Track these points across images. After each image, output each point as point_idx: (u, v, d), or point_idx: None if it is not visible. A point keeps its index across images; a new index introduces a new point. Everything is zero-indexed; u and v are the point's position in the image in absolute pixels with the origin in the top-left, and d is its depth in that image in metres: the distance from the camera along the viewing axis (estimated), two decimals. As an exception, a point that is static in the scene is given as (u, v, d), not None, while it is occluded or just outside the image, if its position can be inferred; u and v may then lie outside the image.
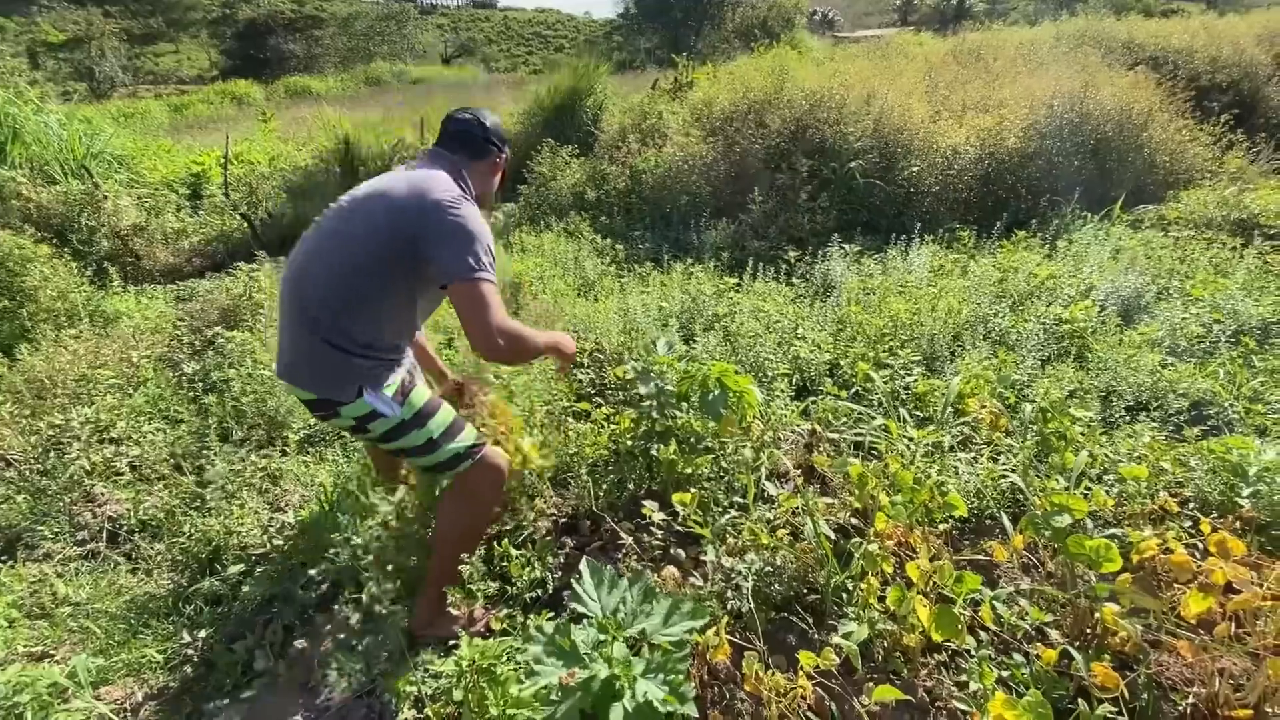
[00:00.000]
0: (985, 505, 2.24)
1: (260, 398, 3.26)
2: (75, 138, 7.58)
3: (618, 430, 2.52)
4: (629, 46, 32.35)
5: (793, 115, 6.33)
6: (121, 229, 6.44)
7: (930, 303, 3.66)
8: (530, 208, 7.39)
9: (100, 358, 3.79)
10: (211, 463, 2.75)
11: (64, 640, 2.07)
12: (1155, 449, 2.26)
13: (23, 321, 4.51)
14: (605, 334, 3.82)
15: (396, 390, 1.72)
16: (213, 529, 2.36)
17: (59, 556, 2.45)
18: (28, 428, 3.03)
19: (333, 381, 1.66)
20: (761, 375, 3.08)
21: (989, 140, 6.06)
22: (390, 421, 1.70)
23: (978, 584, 1.56)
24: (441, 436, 1.75)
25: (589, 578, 1.53)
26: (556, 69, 10.54)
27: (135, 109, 15.58)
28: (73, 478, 2.76)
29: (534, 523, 2.18)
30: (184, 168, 8.57)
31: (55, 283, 4.78)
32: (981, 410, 2.59)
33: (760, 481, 2.19)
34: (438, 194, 1.64)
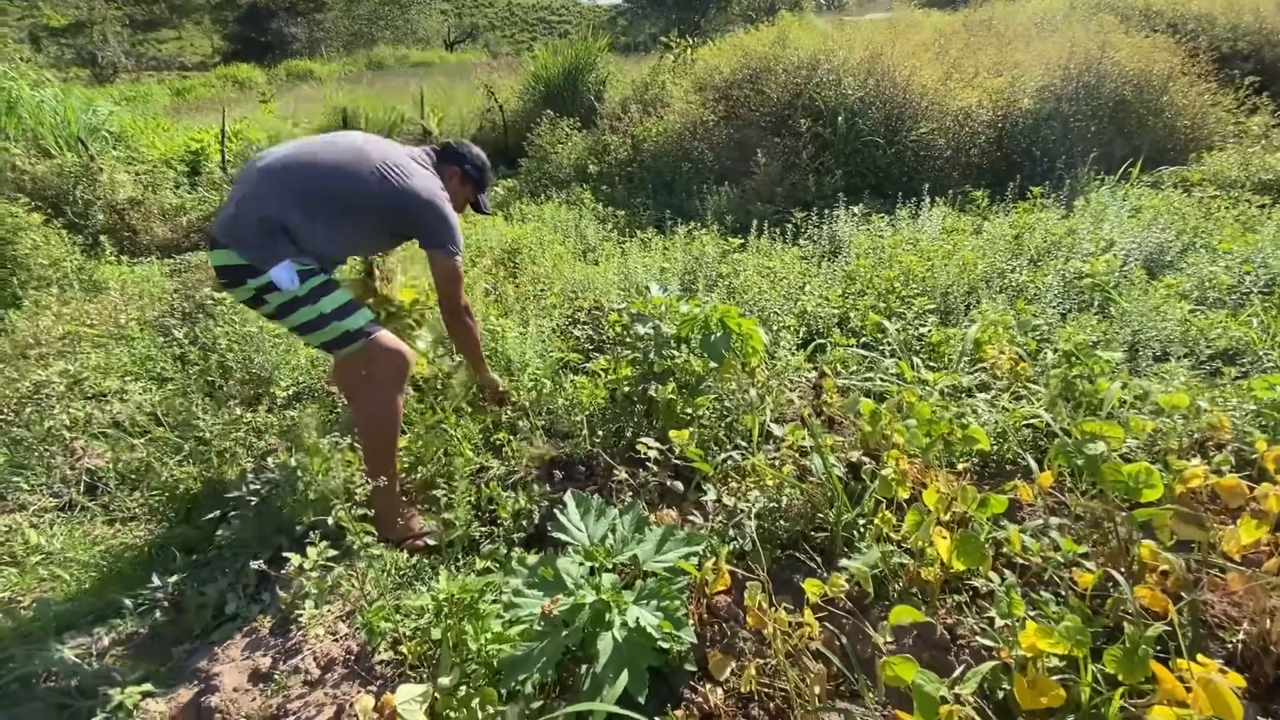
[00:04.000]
0: (1007, 449, 2.10)
1: (247, 356, 3.15)
2: (72, 113, 7.49)
3: (616, 379, 2.40)
4: (633, 31, 32.00)
5: (791, 79, 6.14)
6: (117, 203, 6.35)
7: (943, 257, 3.50)
8: (531, 181, 7.24)
9: (87, 318, 3.70)
10: (194, 416, 2.65)
11: (33, 587, 1.97)
12: (1192, 388, 2.11)
13: (14, 289, 4.43)
14: (605, 294, 3.69)
15: (305, 271, 1.85)
16: (190, 476, 2.26)
17: (34, 507, 2.35)
18: (8, 383, 2.93)
19: (263, 255, 1.79)
20: (767, 327, 2.94)
21: (1002, 102, 5.86)
22: (285, 295, 1.81)
23: (1003, 506, 1.42)
24: (333, 313, 1.86)
25: (574, 507, 1.41)
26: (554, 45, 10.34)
27: (137, 92, 15.46)
28: (51, 431, 2.66)
29: (526, 468, 2.05)
30: (182, 145, 8.45)
31: (47, 251, 4.70)
32: (1000, 356, 2.45)
33: (765, 425, 2.06)
34: (437, 190, 2.05)
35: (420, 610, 1.46)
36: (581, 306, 3.55)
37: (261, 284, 1.80)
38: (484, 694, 1.27)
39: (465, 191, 2.31)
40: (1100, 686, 1.22)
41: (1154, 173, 5.38)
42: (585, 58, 9.65)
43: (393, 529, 1.90)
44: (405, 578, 1.79)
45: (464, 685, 1.28)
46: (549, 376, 2.75)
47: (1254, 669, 1.36)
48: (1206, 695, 1.05)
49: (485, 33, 37.13)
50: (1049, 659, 1.23)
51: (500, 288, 3.91)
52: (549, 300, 3.63)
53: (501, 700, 1.28)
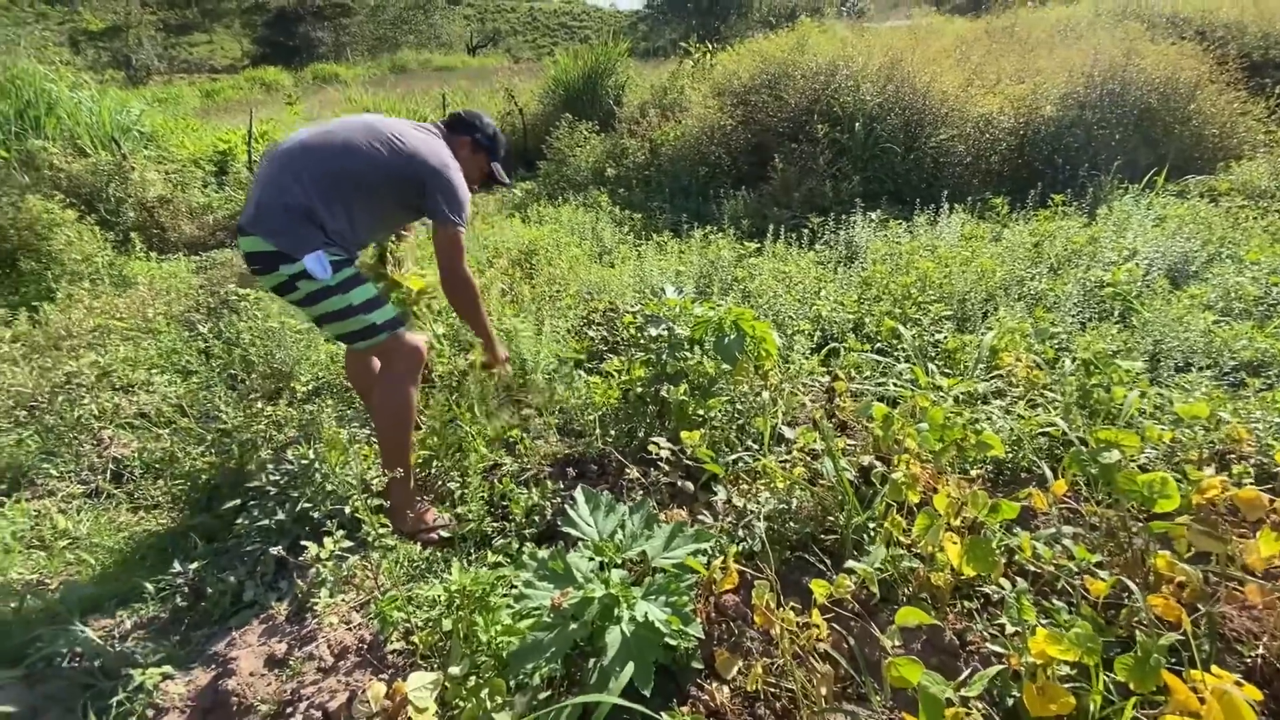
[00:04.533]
0: (1022, 457, 2.08)
1: (269, 350, 3.22)
2: (106, 113, 7.69)
3: (629, 379, 2.41)
4: (654, 36, 32.12)
5: (810, 85, 6.13)
6: (148, 200, 6.51)
7: (961, 263, 3.47)
8: (549, 183, 7.30)
9: (117, 312, 3.80)
10: (216, 408, 2.72)
11: (59, 571, 2.03)
12: (1214, 399, 2.08)
13: (48, 282, 4.57)
14: (620, 295, 3.71)
15: (338, 261, 1.88)
16: (212, 467, 2.32)
17: (63, 494, 2.43)
18: (41, 372, 3.02)
19: (294, 242, 1.83)
20: (781, 331, 2.94)
21: (1024, 109, 5.80)
22: (317, 284, 1.84)
23: (1015, 512, 1.41)
24: (360, 306, 1.89)
25: (584, 503, 1.43)
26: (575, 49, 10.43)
27: (168, 94, 15.84)
28: (81, 420, 2.75)
29: (538, 463, 2.08)
30: (211, 146, 8.65)
31: (80, 246, 4.84)
32: (1017, 363, 2.43)
33: (777, 428, 2.06)
34: (448, 159, 2.04)
35: (432, 601, 1.49)
36: (596, 308, 3.58)
37: (295, 271, 1.82)
38: (493, 684, 1.28)
39: (478, 161, 2.25)
40: (1112, 695, 1.21)
41: (1180, 182, 5.30)
42: (605, 62, 9.72)
43: (406, 521, 1.93)
44: (418, 569, 1.82)
45: (473, 675, 1.30)
46: (563, 377, 2.78)
47: (1273, 685, 1.34)
48: (1221, 707, 1.04)
49: (507, 37, 37.52)
50: (1059, 666, 1.22)
51: (517, 288, 3.95)
52: (564, 301, 3.66)
53: (510, 691, 1.30)
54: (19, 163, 6.24)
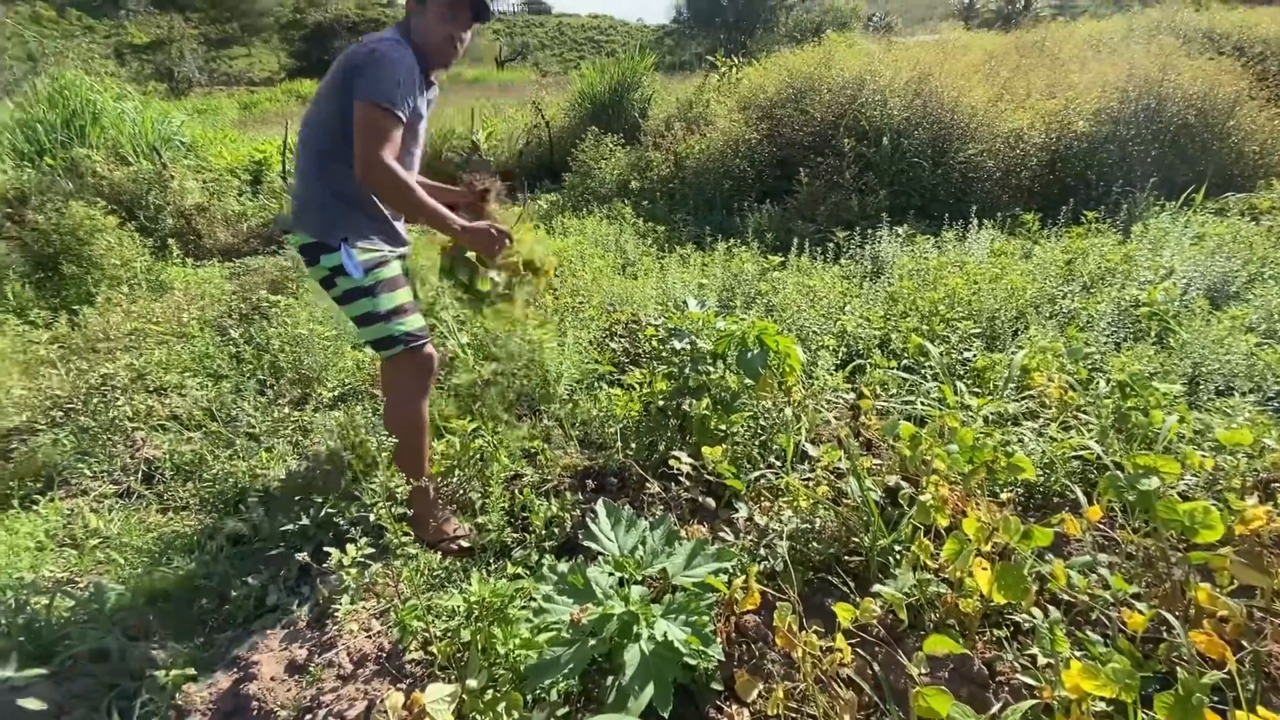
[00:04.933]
0: (1054, 480, 2.02)
1: (297, 356, 3.28)
2: (148, 123, 7.96)
3: (650, 393, 2.41)
4: (679, 50, 32.39)
5: (836, 99, 6.11)
6: (185, 208, 6.71)
7: (990, 280, 3.41)
8: (573, 195, 7.36)
9: (153, 316, 3.91)
10: (246, 412, 2.77)
11: (90, 569, 2.07)
12: (1258, 425, 2.00)
13: (88, 286, 4.71)
14: (642, 307, 3.72)
15: (373, 260, 1.85)
16: (240, 470, 2.36)
17: (95, 493, 2.48)
18: (78, 374, 3.11)
19: (319, 223, 1.83)
20: (805, 346, 2.91)
21: (1055, 125, 5.71)
22: (351, 282, 1.82)
23: (1049, 539, 1.37)
24: (386, 314, 1.85)
25: (605, 517, 1.42)
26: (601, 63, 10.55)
27: (208, 105, 16.40)
28: (115, 421, 2.81)
29: (558, 475, 2.07)
30: (247, 155, 8.90)
31: (119, 252, 4.99)
32: (1049, 384, 2.37)
33: (800, 444, 2.04)
34: (370, 39, 1.81)
35: (451, 612, 1.49)
36: (619, 320, 3.58)
37: (333, 264, 1.82)
38: (510, 698, 1.28)
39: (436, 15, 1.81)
40: (1150, 735, 1.16)
41: (1219, 199, 5.16)
42: (631, 76, 9.81)
43: (428, 530, 1.94)
44: (438, 578, 1.83)
45: (491, 688, 1.30)
46: (584, 389, 2.78)
47: (1323, 728, 1.27)
48: (1268, 751, 0.99)
49: (535, 51, 38.16)
50: (1094, 702, 1.17)
51: (541, 299, 3.98)
52: (587, 313, 3.67)
53: (527, 706, 1.29)
54: (64, 170, 6.48)
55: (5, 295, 4.50)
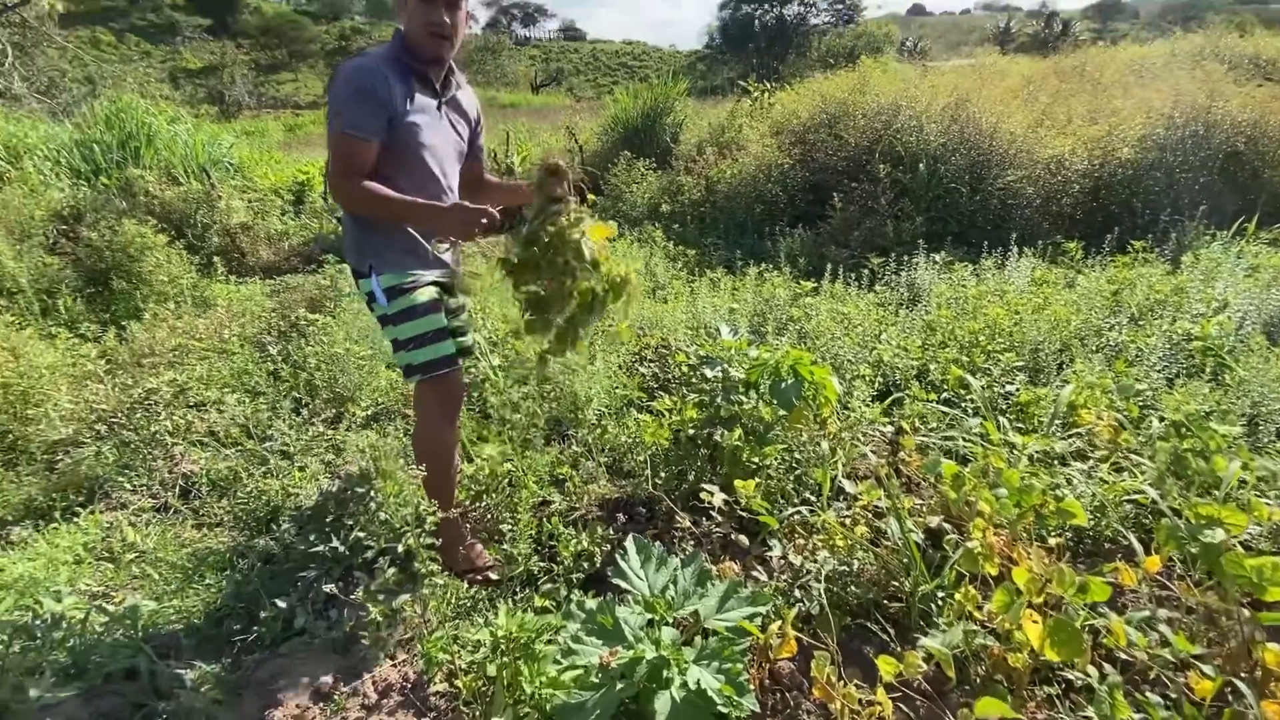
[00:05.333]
0: (1106, 525, 1.93)
1: (333, 375, 3.33)
2: (199, 145, 8.31)
3: (680, 420, 2.37)
4: (712, 75, 32.79)
5: (871, 124, 6.07)
6: (231, 227, 6.93)
7: (1033, 310, 3.31)
8: (604, 218, 7.41)
9: (196, 332, 4.01)
10: (280, 430, 2.81)
11: (125, 583, 2.10)
12: (1327, 472, 1.88)
13: (136, 302, 4.87)
14: (672, 332, 3.70)
15: (403, 283, 1.83)
16: (273, 489, 2.38)
17: (134, 507, 2.53)
18: (123, 389, 3.20)
19: (353, 251, 1.87)
20: (840, 375, 2.85)
21: (1098, 151, 5.58)
22: (378, 310, 1.86)
23: (1106, 594, 1.29)
24: (406, 342, 1.84)
25: (635, 554, 1.38)
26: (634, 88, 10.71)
27: (255, 128, 17.06)
28: (156, 436, 2.88)
29: (586, 504, 2.05)
30: (290, 176, 9.20)
31: (167, 269, 5.16)
32: (1098, 422, 2.27)
33: (837, 479, 1.98)
34: (354, 63, 1.74)
35: (477, 644, 1.46)
36: (648, 344, 3.56)
37: (367, 290, 1.86)
38: (535, 741, 1.24)
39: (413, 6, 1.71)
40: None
41: (1272, 229, 4.96)
42: (663, 101, 9.92)
43: (456, 558, 1.92)
44: (464, 608, 1.80)
45: (516, 729, 1.26)
46: (614, 415, 2.76)
47: None
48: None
49: (569, 76, 39.01)
50: (1161, 775, 1.09)
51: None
52: (617, 326, 3.66)
53: (553, 750, 1.25)
54: (118, 189, 6.78)
55: (58, 309, 4.68)
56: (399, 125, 1.72)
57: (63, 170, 7.24)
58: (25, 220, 5.58)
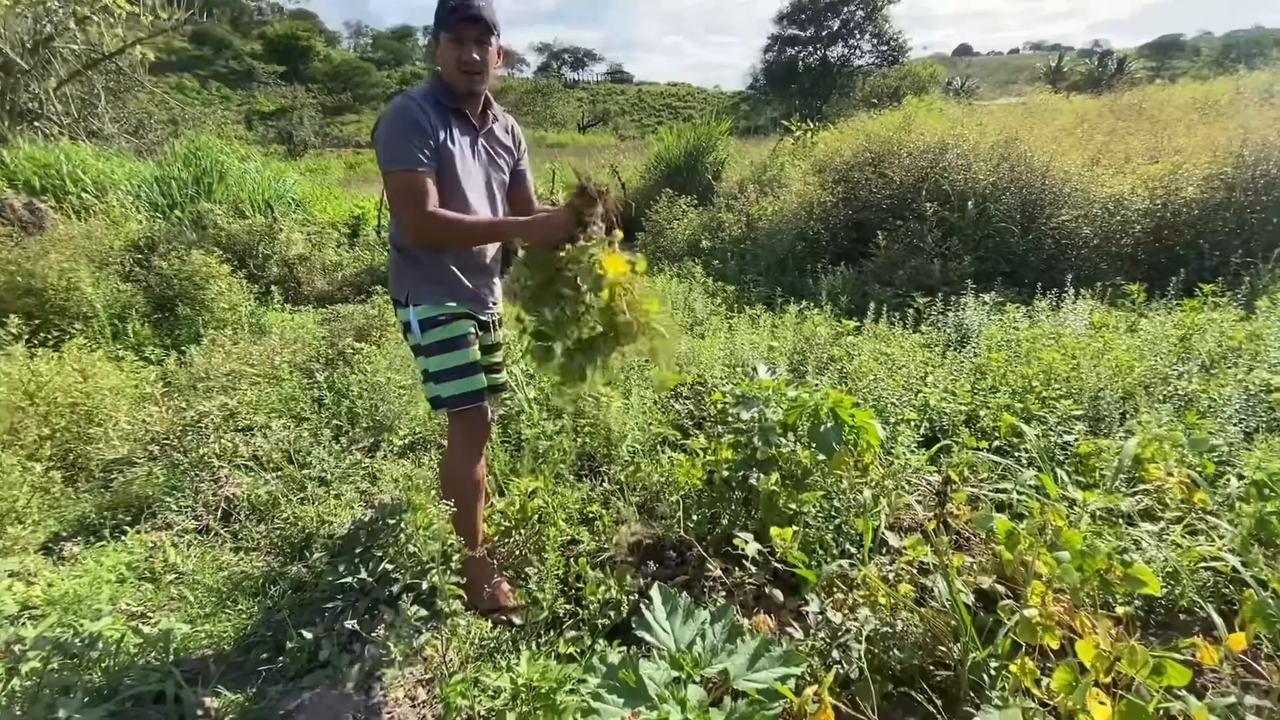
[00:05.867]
0: (1181, 594, 1.76)
1: (374, 404, 3.39)
2: (266, 182, 8.82)
3: (714, 460, 2.31)
4: (756, 115, 33.19)
5: (916, 163, 5.99)
6: (289, 258, 7.28)
7: (1093, 356, 3.14)
8: (645, 253, 7.51)
9: (249, 358, 4.17)
10: (319, 457, 2.86)
11: (162, 604, 2.14)
12: None
13: (198, 327, 5.12)
14: (709, 368, 3.65)
15: (438, 315, 1.85)
16: (308, 516, 2.41)
17: (178, 527, 2.59)
18: (177, 411, 3.33)
19: (393, 280, 1.92)
20: (883, 419, 2.74)
21: (1161, 191, 5.36)
22: (412, 340, 1.90)
23: (1186, 678, 1.16)
24: (434, 375, 1.87)
25: (660, 605, 1.32)
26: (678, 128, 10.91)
27: (318, 165, 18.08)
28: (203, 458, 2.97)
29: (615, 546, 1.99)
30: (347, 211, 9.65)
31: (228, 297, 5.42)
32: (1168, 478, 2.11)
33: (879, 530, 1.87)
34: (396, 104, 1.79)
35: (497, 691, 1.41)
36: (684, 380, 3.52)
37: (404, 319, 1.90)
38: (552, 801, 1.17)
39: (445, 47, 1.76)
40: None
41: (1359, 274, 4.63)
42: (706, 141, 10.08)
43: (481, 597, 1.88)
44: (487, 648, 1.76)
45: (532, 787, 1.20)
46: (646, 452, 2.71)
47: None
48: None
49: (615, 117, 40.17)
50: None
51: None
52: (652, 371, 3.64)
53: (569, 812, 1.18)
54: (190, 221, 7.21)
55: (127, 333, 4.95)
56: (440, 157, 1.77)
57: (142, 204, 7.75)
58: (105, 250, 5.96)
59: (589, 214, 1.68)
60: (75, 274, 5.00)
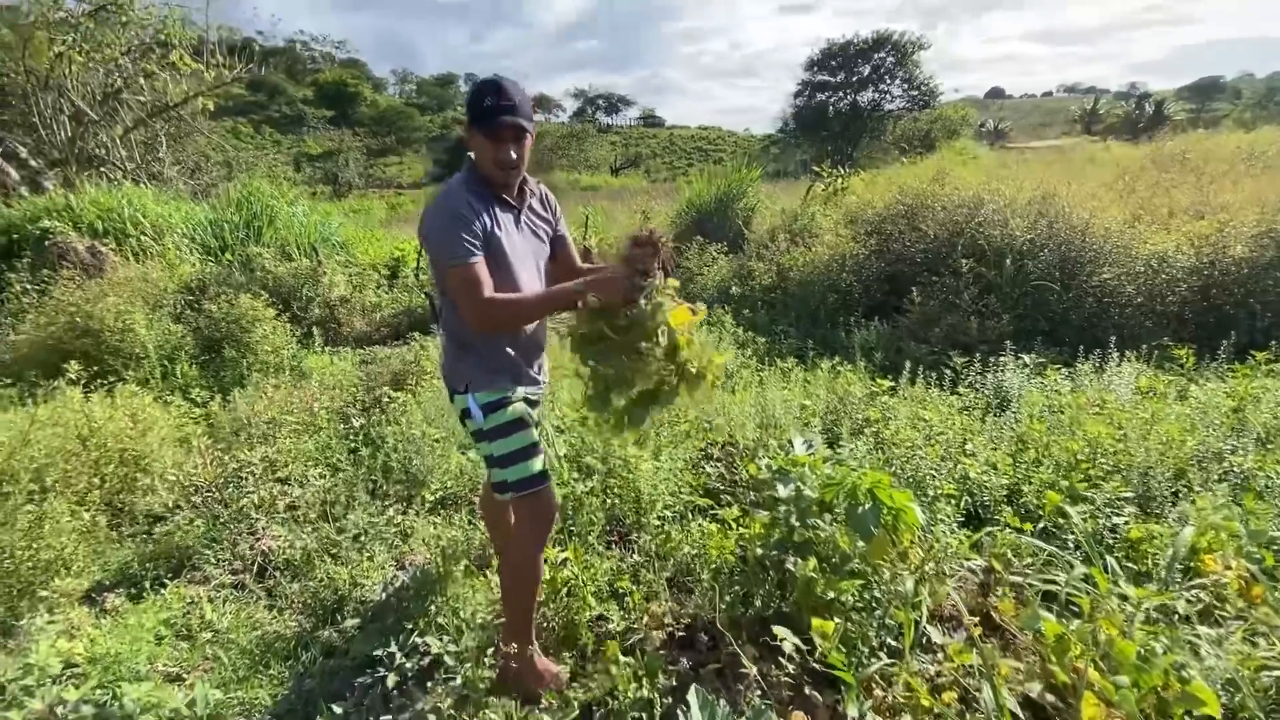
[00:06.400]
0: (1241, 705, 1.65)
1: (408, 456, 3.44)
2: (313, 226, 9.18)
3: (747, 535, 2.27)
4: (785, 158, 33.53)
5: (951, 217, 5.95)
6: (332, 300, 7.51)
7: (1141, 428, 3.03)
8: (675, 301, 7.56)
9: (290, 405, 4.28)
10: (355, 517, 2.90)
11: (197, 665, 2.17)
12: None
13: (242, 370, 5.29)
14: (740, 427, 3.62)
15: (494, 401, 1.85)
16: (341, 578, 2.43)
17: (215, 582, 2.64)
18: (219, 461, 3.42)
19: (450, 371, 1.93)
20: (920, 494, 2.67)
21: (1207, 248, 5.23)
22: (472, 425, 1.88)
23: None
24: (500, 459, 1.85)
25: (698, 712, 1.29)
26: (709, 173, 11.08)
27: (362, 206, 18.76)
28: (243, 510, 3.04)
29: (646, 627, 1.96)
30: (388, 253, 9.96)
31: (272, 340, 5.60)
32: (1226, 572, 2.00)
33: (921, 622, 1.81)
34: (440, 198, 1.81)
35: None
36: (715, 440, 3.50)
37: (462, 407, 1.89)
38: None
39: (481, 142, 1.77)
40: None
41: None
42: (737, 187, 10.21)
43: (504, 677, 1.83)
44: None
45: None
46: (677, 519, 2.69)
47: None
48: None
49: (647, 160, 41.07)
50: None
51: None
52: (682, 427, 3.62)
53: None
54: (240, 264, 7.53)
55: (175, 374, 5.14)
56: (489, 245, 1.79)
57: (195, 246, 8.13)
58: (160, 292, 6.24)
59: (648, 264, 1.68)
60: (131, 316, 5.23)
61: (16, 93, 10.34)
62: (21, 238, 6.93)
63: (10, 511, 2.55)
